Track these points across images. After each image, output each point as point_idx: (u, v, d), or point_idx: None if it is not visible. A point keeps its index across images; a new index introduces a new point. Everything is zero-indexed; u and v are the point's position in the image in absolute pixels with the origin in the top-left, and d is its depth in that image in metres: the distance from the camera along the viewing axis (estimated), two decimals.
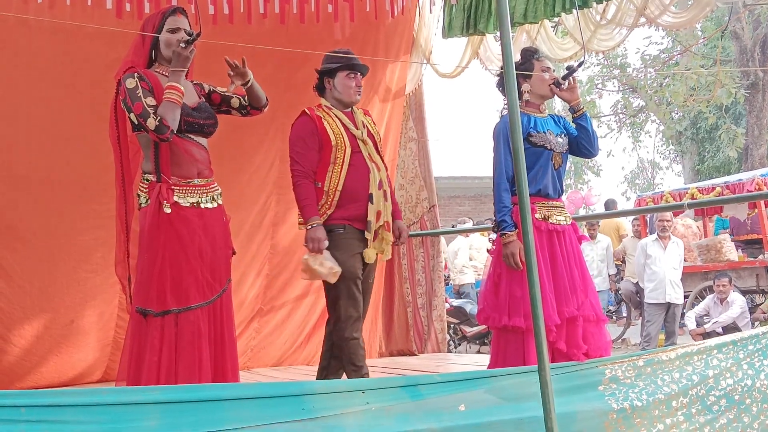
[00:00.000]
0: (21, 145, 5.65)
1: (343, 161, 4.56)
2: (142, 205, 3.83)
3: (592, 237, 12.39)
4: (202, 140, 3.97)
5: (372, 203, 4.56)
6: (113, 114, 3.96)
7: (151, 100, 3.72)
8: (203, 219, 3.86)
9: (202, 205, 3.87)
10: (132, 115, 3.73)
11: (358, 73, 4.74)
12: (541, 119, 4.58)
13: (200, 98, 4.05)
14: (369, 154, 4.66)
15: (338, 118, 4.66)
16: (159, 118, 3.67)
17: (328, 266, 4.44)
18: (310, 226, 4.45)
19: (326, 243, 4.44)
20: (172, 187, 3.78)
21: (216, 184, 4.00)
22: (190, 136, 3.89)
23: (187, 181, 3.84)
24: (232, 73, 4.13)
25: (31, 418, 2.77)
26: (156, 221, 3.74)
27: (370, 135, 4.76)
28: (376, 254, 4.63)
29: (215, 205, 3.95)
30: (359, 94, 4.76)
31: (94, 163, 5.66)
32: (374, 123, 4.97)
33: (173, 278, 3.73)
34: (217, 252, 3.92)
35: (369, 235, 4.56)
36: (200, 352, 3.73)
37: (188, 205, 3.82)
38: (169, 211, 3.74)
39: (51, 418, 2.82)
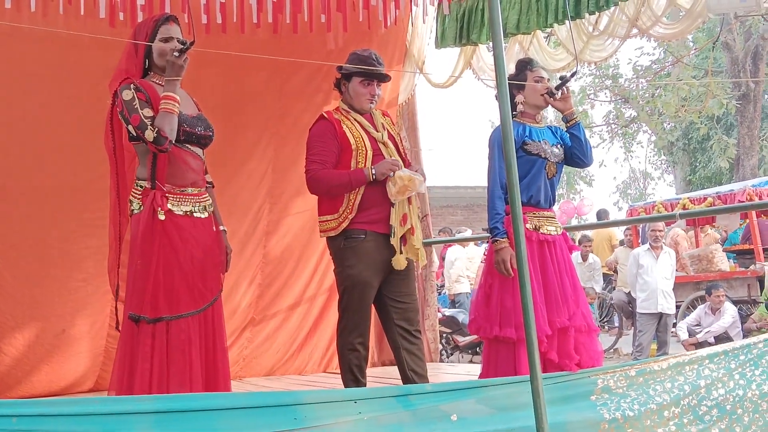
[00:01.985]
0: (12, 153, 5.64)
1: (364, 165, 4.42)
2: (135, 212, 3.82)
3: (585, 258, 12.42)
4: (198, 150, 3.97)
5: (394, 206, 4.41)
6: (109, 125, 3.95)
7: (148, 111, 3.71)
8: (196, 228, 3.86)
9: (195, 215, 3.87)
10: (130, 127, 3.72)
11: (375, 81, 4.58)
12: (536, 129, 4.59)
13: (199, 110, 4.05)
14: (390, 156, 4.52)
15: (357, 122, 4.54)
16: (157, 129, 3.67)
17: (408, 175, 4.37)
18: (373, 174, 4.35)
19: (397, 165, 4.40)
20: (167, 194, 3.78)
21: (207, 195, 4.00)
22: (187, 145, 3.89)
23: (181, 190, 3.84)
24: None
25: (23, 428, 2.76)
26: (149, 228, 3.73)
27: (391, 137, 4.64)
28: (408, 260, 4.46)
29: (206, 215, 3.95)
30: (372, 103, 4.60)
31: (85, 171, 5.65)
32: (393, 123, 4.86)
33: (166, 285, 3.72)
34: (208, 261, 3.92)
35: (395, 241, 4.39)
36: (191, 361, 3.72)
37: (182, 213, 3.81)
38: (163, 218, 3.73)
39: (42, 427, 2.80)
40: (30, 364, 5.85)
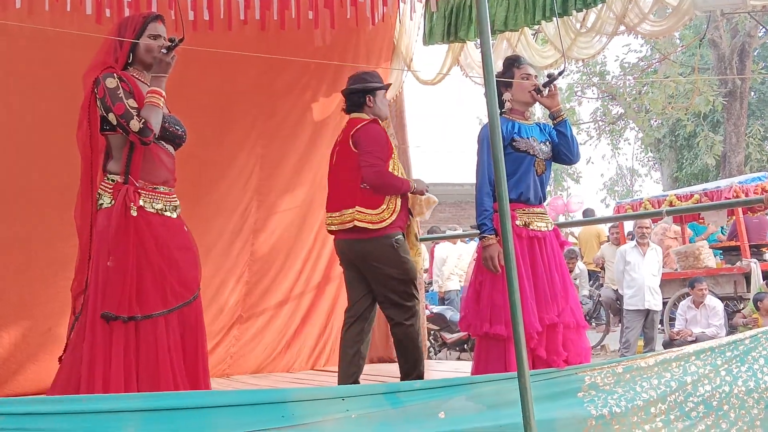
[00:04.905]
0: None
1: (397, 172, 4.99)
2: (104, 206, 3.76)
3: (570, 271, 12.46)
4: (171, 149, 3.95)
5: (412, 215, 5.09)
6: (86, 112, 3.86)
7: (132, 102, 3.69)
8: (166, 226, 3.83)
9: (165, 213, 3.84)
10: (111, 115, 3.67)
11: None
12: (525, 126, 4.60)
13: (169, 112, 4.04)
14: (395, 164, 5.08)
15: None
16: (143, 120, 3.65)
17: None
18: (413, 188, 5.06)
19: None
20: (139, 190, 3.74)
21: (175, 196, 3.96)
22: (163, 143, 3.87)
23: (153, 187, 3.81)
24: None
25: (9, 426, 2.76)
26: (123, 224, 3.68)
27: None
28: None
29: (175, 215, 3.92)
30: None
31: (72, 170, 5.58)
32: None
33: (138, 284, 3.67)
34: (183, 259, 3.87)
35: (417, 244, 5.08)
36: (157, 362, 3.64)
37: (153, 211, 3.78)
38: (135, 214, 3.69)
39: (29, 426, 2.80)
40: (16, 363, 5.82)
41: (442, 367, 7.26)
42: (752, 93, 21.96)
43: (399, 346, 5.00)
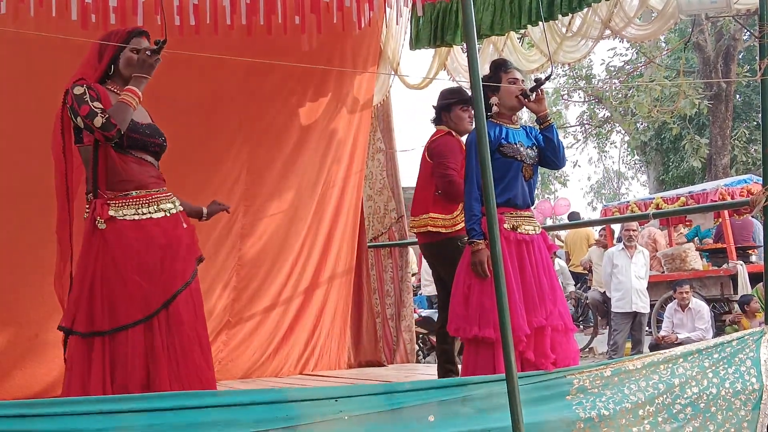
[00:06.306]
0: None
1: None
2: (85, 217, 3.81)
3: None
4: (149, 158, 3.90)
5: None
6: (59, 124, 3.89)
7: (98, 104, 3.67)
8: (143, 230, 3.77)
9: (145, 216, 3.79)
10: (78, 119, 3.66)
11: (470, 106, 5.37)
12: (513, 130, 4.60)
13: (152, 121, 4.03)
14: None
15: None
16: (107, 116, 3.63)
17: None
18: None
19: None
20: (108, 201, 3.73)
21: (161, 194, 3.89)
22: (132, 152, 3.82)
23: (124, 194, 3.77)
24: None
25: (0, 428, 2.75)
26: (89, 239, 3.70)
27: None
28: None
29: (161, 214, 3.84)
30: (471, 124, 5.38)
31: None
32: None
33: (104, 298, 3.66)
34: (168, 256, 3.81)
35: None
36: (131, 374, 3.64)
37: (124, 218, 3.74)
38: (103, 227, 3.69)
39: (20, 428, 2.80)
40: (3, 370, 5.79)
41: (431, 371, 7.26)
42: (737, 96, 22.05)
43: (440, 353, 5.56)
